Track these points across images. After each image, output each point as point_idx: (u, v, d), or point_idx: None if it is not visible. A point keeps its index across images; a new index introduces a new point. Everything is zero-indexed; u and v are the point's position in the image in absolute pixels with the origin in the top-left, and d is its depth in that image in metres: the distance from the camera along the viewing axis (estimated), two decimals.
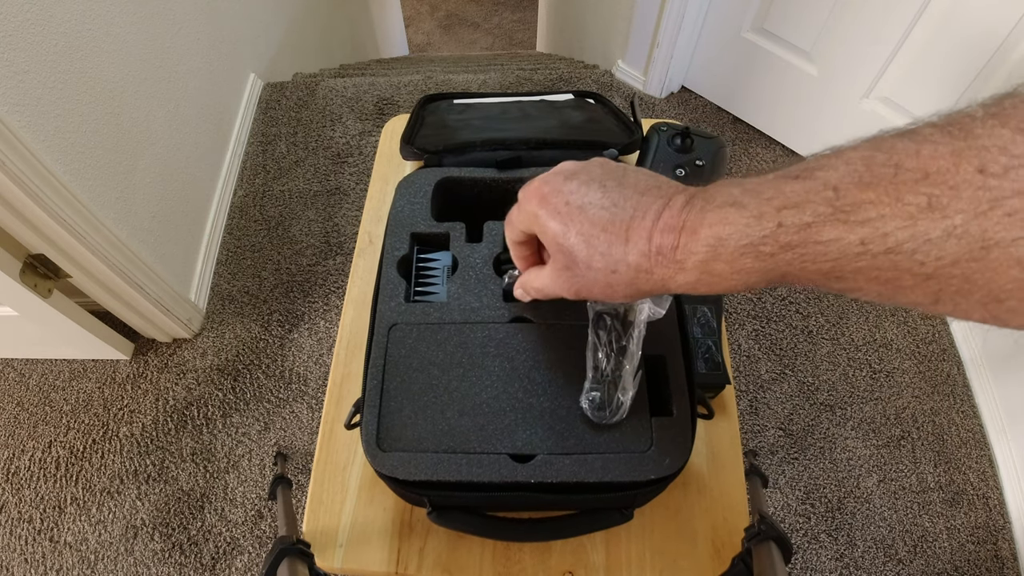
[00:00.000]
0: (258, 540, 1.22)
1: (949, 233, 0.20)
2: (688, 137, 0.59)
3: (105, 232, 1.12)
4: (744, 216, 0.25)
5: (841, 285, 0.24)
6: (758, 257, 0.25)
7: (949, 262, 0.20)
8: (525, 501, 0.45)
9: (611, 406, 0.41)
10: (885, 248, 0.21)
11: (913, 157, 0.21)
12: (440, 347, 0.45)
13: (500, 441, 0.42)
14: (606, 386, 0.41)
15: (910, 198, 0.21)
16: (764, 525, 0.44)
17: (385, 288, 0.49)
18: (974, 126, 0.20)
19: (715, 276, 0.27)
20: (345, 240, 1.57)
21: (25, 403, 1.38)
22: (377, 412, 0.43)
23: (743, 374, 1.39)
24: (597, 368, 0.41)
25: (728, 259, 0.26)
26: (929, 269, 0.21)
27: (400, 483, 0.42)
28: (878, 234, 0.21)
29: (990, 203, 0.19)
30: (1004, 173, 0.19)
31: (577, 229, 0.31)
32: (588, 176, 0.32)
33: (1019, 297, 0.20)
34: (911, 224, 0.21)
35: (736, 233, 0.25)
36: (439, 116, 0.67)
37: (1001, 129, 0.19)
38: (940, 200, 0.20)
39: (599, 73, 1.94)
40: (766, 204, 0.25)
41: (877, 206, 0.21)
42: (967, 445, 1.31)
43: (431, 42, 3.90)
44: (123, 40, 1.20)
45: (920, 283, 0.21)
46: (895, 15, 1.27)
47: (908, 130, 0.22)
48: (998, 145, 0.19)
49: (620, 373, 0.41)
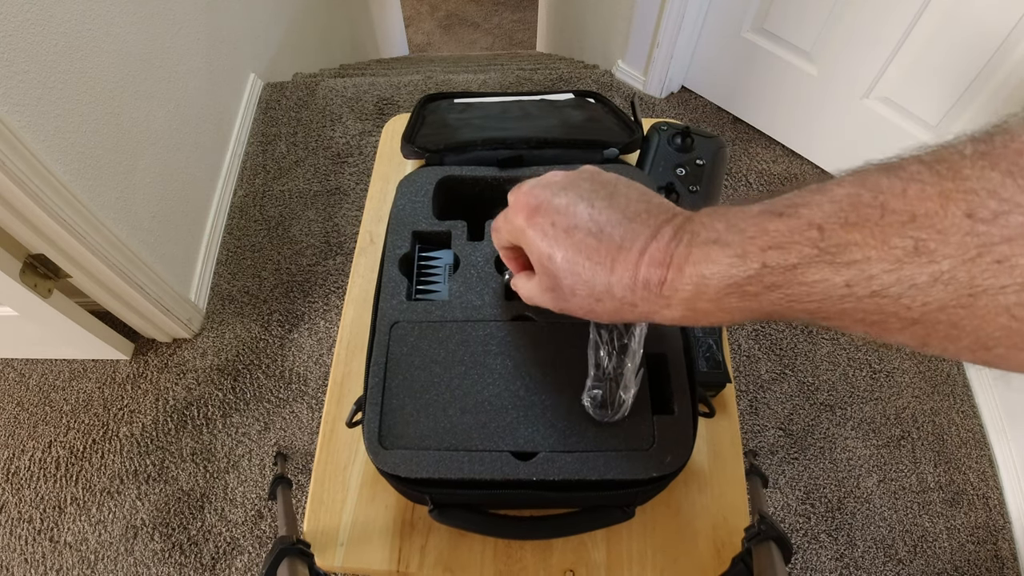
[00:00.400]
0: (258, 540, 1.21)
1: (936, 279, 0.19)
2: (688, 137, 0.59)
3: (105, 232, 1.12)
4: (728, 255, 0.25)
5: (829, 324, 0.24)
6: (743, 297, 0.25)
7: (936, 307, 0.20)
8: (527, 499, 0.45)
9: (613, 404, 0.41)
10: (870, 291, 0.21)
11: (900, 197, 0.21)
12: (442, 345, 0.46)
13: (502, 439, 0.42)
14: (608, 384, 0.41)
15: (896, 241, 0.20)
16: (764, 525, 0.44)
17: (387, 286, 0.49)
18: (963, 165, 0.19)
19: (700, 313, 0.27)
20: (345, 240, 1.57)
21: (25, 403, 1.38)
22: (379, 410, 0.43)
23: (743, 374, 1.39)
24: (599, 366, 0.41)
25: (712, 298, 0.25)
26: (916, 314, 0.20)
27: (402, 481, 0.42)
28: (863, 276, 0.21)
29: (978, 249, 0.19)
30: (993, 219, 0.18)
31: (562, 255, 0.30)
32: (577, 193, 0.31)
33: (1007, 344, 0.19)
34: (897, 268, 0.20)
35: (720, 273, 0.25)
36: (440, 115, 0.67)
37: (991, 171, 0.19)
38: (927, 245, 0.20)
39: (599, 73, 1.94)
40: (750, 243, 0.24)
41: (863, 248, 0.21)
42: (967, 445, 1.31)
43: (431, 42, 3.90)
44: (123, 40, 1.20)
45: (907, 326, 0.21)
46: (895, 15, 1.28)
47: (894, 165, 0.22)
48: (987, 188, 0.19)
49: (622, 371, 0.41)
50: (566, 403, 0.43)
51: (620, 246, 0.28)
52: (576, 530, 0.47)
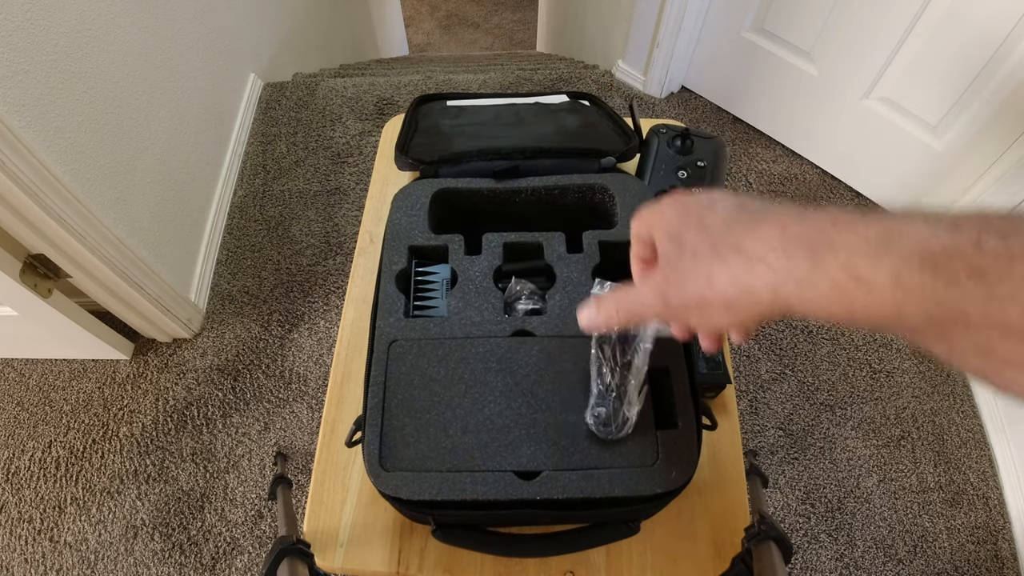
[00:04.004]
0: (258, 540, 1.21)
1: None
2: (688, 138, 0.59)
3: (105, 232, 1.12)
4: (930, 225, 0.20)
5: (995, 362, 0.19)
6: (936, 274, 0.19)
7: None
8: (531, 517, 0.45)
9: (617, 421, 0.41)
10: None
11: None
12: (441, 363, 0.45)
13: (504, 458, 0.41)
14: (611, 402, 0.41)
15: None
16: (764, 525, 0.44)
17: (384, 304, 0.48)
18: None
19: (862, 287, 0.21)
20: (345, 240, 1.57)
21: (25, 403, 1.37)
22: (379, 431, 0.42)
23: (743, 374, 1.39)
24: (602, 383, 0.41)
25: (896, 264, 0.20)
26: None
27: (404, 503, 0.42)
28: None
29: None
30: None
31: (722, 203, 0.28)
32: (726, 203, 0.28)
33: None
34: None
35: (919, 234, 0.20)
36: (433, 121, 0.66)
37: None
38: None
39: (599, 73, 1.94)
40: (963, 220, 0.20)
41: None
42: (967, 445, 1.31)
43: (431, 42, 3.90)
44: (123, 40, 1.20)
45: None
46: (895, 15, 1.28)
47: None
48: None
49: (626, 388, 0.40)
50: (569, 420, 0.42)
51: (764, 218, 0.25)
52: (581, 547, 0.46)
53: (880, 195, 1.59)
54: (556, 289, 0.49)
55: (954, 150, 1.35)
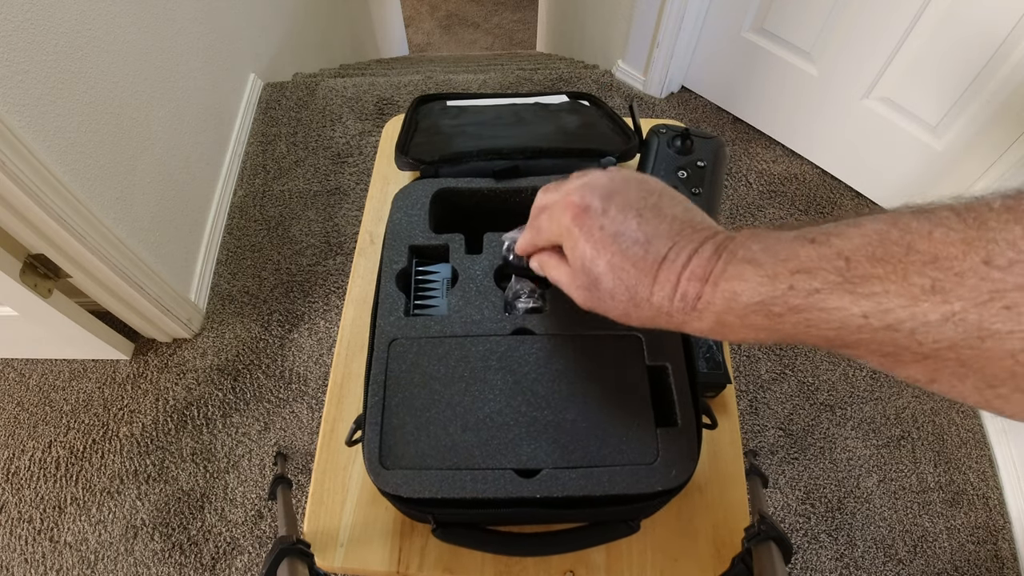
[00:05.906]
0: (258, 540, 1.22)
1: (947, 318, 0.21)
2: (688, 138, 0.59)
3: (105, 232, 1.12)
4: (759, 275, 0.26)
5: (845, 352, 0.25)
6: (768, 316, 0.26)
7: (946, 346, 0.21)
8: (531, 516, 0.45)
9: None
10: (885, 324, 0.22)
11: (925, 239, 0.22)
12: (441, 361, 0.45)
13: (504, 456, 0.41)
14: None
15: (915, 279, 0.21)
16: (764, 525, 0.44)
17: (384, 303, 0.48)
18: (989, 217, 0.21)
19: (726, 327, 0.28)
20: (345, 240, 1.57)
21: (25, 403, 1.38)
22: (379, 429, 0.43)
23: (743, 374, 1.39)
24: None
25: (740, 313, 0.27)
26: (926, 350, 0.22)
27: (404, 501, 0.42)
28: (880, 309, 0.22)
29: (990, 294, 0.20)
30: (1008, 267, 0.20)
31: (607, 259, 0.31)
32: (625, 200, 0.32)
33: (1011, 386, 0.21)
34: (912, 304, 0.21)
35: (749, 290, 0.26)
36: (432, 121, 0.66)
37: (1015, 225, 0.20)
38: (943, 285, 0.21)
39: (599, 73, 1.94)
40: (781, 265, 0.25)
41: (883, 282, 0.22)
42: (967, 445, 1.31)
43: (431, 42, 3.90)
44: (123, 40, 1.20)
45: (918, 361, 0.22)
46: (895, 15, 1.28)
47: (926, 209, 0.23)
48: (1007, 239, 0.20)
49: None
50: (569, 418, 0.42)
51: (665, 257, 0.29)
52: (581, 546, 0.46)
53: (880, 195, 1.59)
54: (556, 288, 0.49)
55: (954, 150, 1.35)
